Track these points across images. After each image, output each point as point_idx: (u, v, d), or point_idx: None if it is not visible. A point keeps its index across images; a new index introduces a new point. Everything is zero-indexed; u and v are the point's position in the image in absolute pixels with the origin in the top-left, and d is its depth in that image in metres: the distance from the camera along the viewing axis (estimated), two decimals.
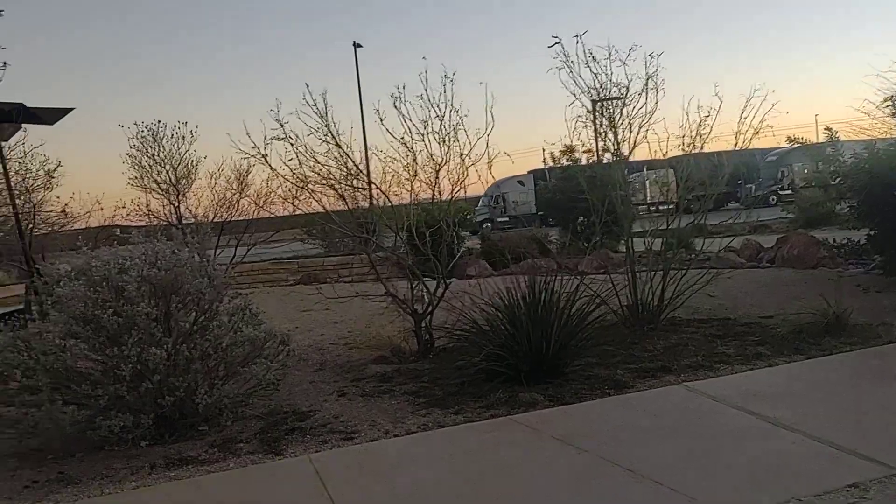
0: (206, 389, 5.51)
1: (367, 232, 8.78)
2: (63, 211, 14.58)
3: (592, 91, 9.00)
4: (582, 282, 7.35)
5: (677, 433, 5.04)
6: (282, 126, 7.56)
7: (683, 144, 8.78)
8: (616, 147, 8.90)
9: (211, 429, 5.75)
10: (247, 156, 7.77)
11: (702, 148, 8.80)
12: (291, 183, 8.30)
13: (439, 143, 7.59)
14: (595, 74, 8.76)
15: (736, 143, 9.00)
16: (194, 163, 16.79)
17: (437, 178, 7.71)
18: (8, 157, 13.19)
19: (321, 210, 8.74)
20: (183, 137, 16.38)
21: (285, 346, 6.25)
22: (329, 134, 7.56)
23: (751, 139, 8.90)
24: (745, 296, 10.43)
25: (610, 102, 9.11)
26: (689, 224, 9.23)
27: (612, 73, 8.73)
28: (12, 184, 13.53)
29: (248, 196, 16.80)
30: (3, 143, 13.34)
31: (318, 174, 7.94)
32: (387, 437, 5.41)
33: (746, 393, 5.77)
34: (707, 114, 8.55)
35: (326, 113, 7.54)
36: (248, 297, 6.35)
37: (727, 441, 4.83)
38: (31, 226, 14.98)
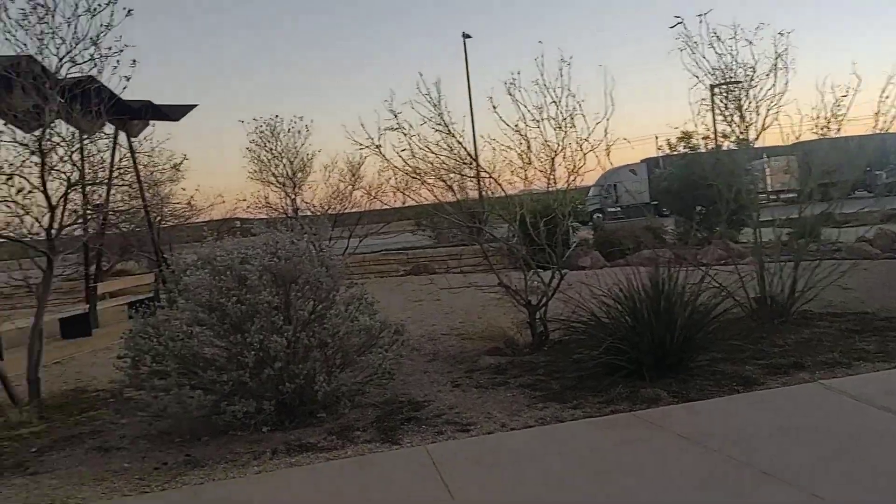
0: (325, 377, 5.56)
1: (479, 222, 8.68)
2: (188, 203, 15.25)
3: (717, 72, 8.57)
4: (707, 273, 6.99)
5: (815, 434, 4.69)
6: (395, 116, 7.56)
7: (817, 127, 8.21)
8: (743, 131, 8.43)
9: (329, 416, 5.81)
10: (361, 147, 7.82)
11: (838, 131, 8.19)
12: (404, 173, 8.32)
13: (555, 130, 7.40)
14: (719, 55, 8.32)
15: (875, 125, 8.35)
16: (309, 156, 17.27)
17: (552, 165, 7.52)
18: (137, 151, 13.91)
19: (432, 201, 8.73)
20: (299, 132, 16.88)
21: (400, 335, 6.24)
22: (442, 123, 7.50)
23: (892, 121, 8.23)
24: (882, 288, 9.71)
25: (734, 85, 8.65)
26: (820, 213, 8.64)
27: (737, 54, 8.28)
28: (141, 177, 14.27)
29: (361, 188, 17.14)
30: (133, 139, 14.08)
31: (431, 164, 7.91)
32: (503, 430, 5.30)
33: (891, 392, 5.32)
34: (844, 93, 7.95)
35: (440, 101, 7.48)
36: (363, 287, 6.37)
37: (871, 443, 4.45)
38: (159, 218, 15.80)
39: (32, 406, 6.77)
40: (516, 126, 7.54)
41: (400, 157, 7.87)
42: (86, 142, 7.57)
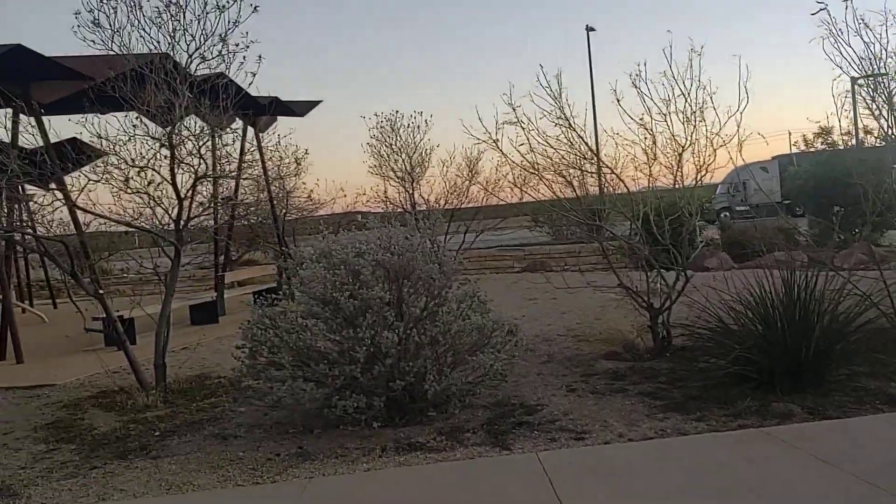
0: (435, 376, 5.45)
1: (598, 219, 8.36)
2: (310, 197, 15.58)
3: (863, 62, 7.85)
4: (848, 280, 6.42)
5: None
6: (514, 110, 7.38)
7: None
8: (891, 126, 7.68)
9: (439, 415, 5.71)
10: (478, 141, 7.68)
11: None
12: (522, 168, 8.12)
13: (683, 123, 6.98)
14: (866, 44, 7.61)
15: None
16: (428, 151, 17.32)
17: (679, 161, 7.11)
18: (263, 145, 14.37)
19: (549, 196, 8.49)
20: (418, 127, 16.93)
21: (513, 336, 6.06)
22: (562, 116, 7.24)
23: None
24: None
25: (883, 77, 7.90)
26: None
27: (887, 42, 7.54)
28: (267, 171, 14.74)
29: (478, 183, 17.02)
30: (259, 134, 14.55)
31: (550, 159, 7.67)
32: (620, 440, 5.02)
33: None
34: None
35: (560, 95, 7.23)
36: (476, 284, 6.23)
37: None
38: (283, 211, 16.25)
39: (158, 390, 7.06)
40: (641, 120, 7.18)
41: (518, 151, 7.68)
42: (211, 136, 7.83)
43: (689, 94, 6.92)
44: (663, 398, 5.88)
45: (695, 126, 6.92)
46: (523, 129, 7.43)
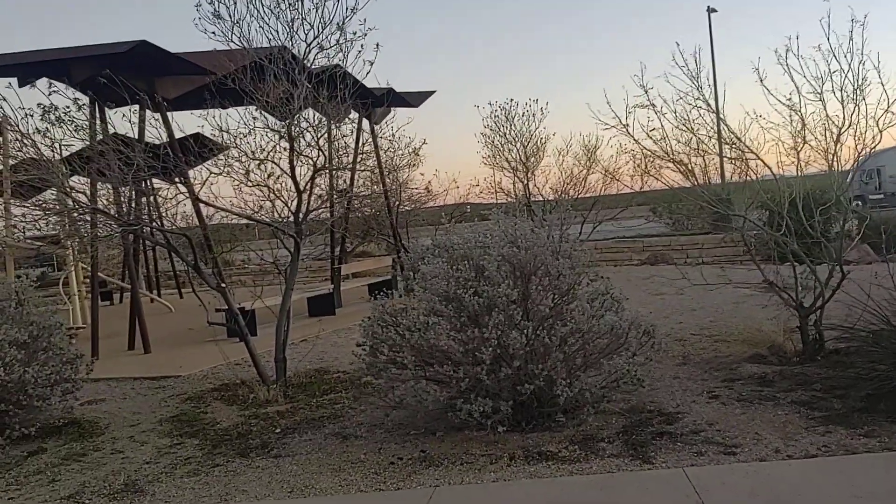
0: (567, 380, 5.06)
1: (729, 208, 7.70)
2: (426, 188, 15.44)
3: None
4: None
5: None
6: (646, 92, 6.85)
7: None
8: None
9: (569, 421, 5.31)
10: (606, 126, 7.19)
11: None
12: (651, 154, 7.57)
13: (840, 103, 6.25)
14: None
15: None
16: (543, 140, 16.88)
17: (837, 143, 6.38)
18: (378, 136, 14.31)
19: (674, 184, 7.89)
20: (533, 115, 16.52)
21: (650, 337, 5.57)
22: (701, 97, 6.65)
23: None
24: None
25: None
26: None
27: None
28: (382, 162, 14.68)
29: (598, 171, 16.46)
30: (375, 125, 14.50)
31: (685, 143, 7.10)
32: (777, 456, 4.48)
33: None
34: None
35: (699, 74, 6.64)
36: (608, 281, 5.78)
37: None
38: (397, 202, 16.21)
39: (279, 385, 6.99)
40: (789, 100, 6.50)
41: (649, 136, 7.15)
42: (329, 128, 7.71)
43: (847, 70, 6.18)
44: (821, 409, 5.26)
45: (856, 104, 6.17)
46: (656, 112, 6.89)
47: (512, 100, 16.86)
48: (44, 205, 7.60)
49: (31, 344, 6.11)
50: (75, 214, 7.00)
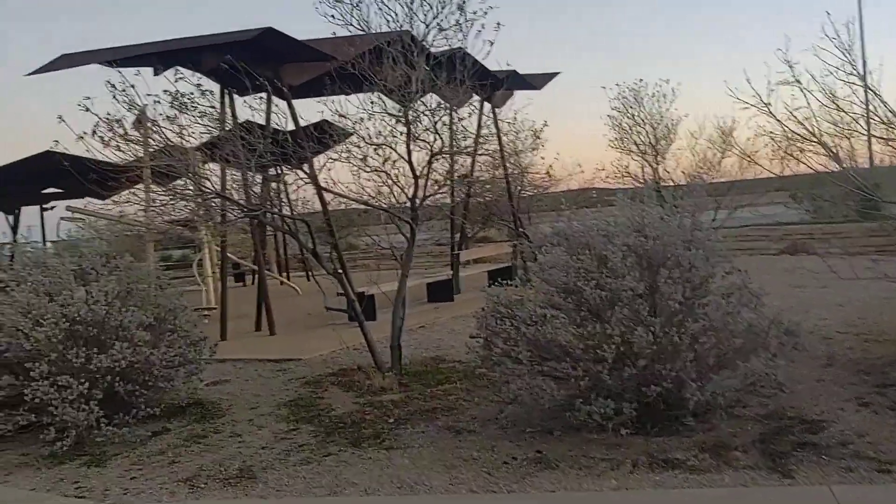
0: (698, 382, 4.65)
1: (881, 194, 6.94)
2: (548, 173, 15.04)
3: None
4: None
5: None
6: (791, 68, 6.24)
7: None
8: None
9: (698, 425, 4.90)
10: (745, 105, 6.61)
11: None
12: (794, 135, 6.92)
13: None
14: None
15: None
16: (674, 122, 16.09)
17: None
18: (499, 120, 14.03)
19: (819, 168, 7.19)
20: (664, 96, 15.76)
21: (793, 337, 5.05)
22: (854, 73, 5.98)
23: None
24: None
25: None
26: None
27: None
28: (503, 146, 14.40)
29: (732, 154, 15.54)
30: (496, 109, 14.23)
31: (834, 124, 6.43)
32: None
33: None
34: None
35: (851, 47, 5.98)
36: (745, 274, 5.27)
37: None
38: (518, 188, 15.89)
39: (394, 373, 6.91)
40: None
41: (792, 115, 6.52)
42: (449, 112, 7.52)
43: None
44: None
45: None
46: (801, 89, 6.26)
47: (641, 80, 16.10)
48: (175, 190, 7.86)
49: (158, 326, 6.28)
50: (200, 199, 7.15)
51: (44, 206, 20.81)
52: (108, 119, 6.29)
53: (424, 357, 7.80)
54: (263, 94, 8.84)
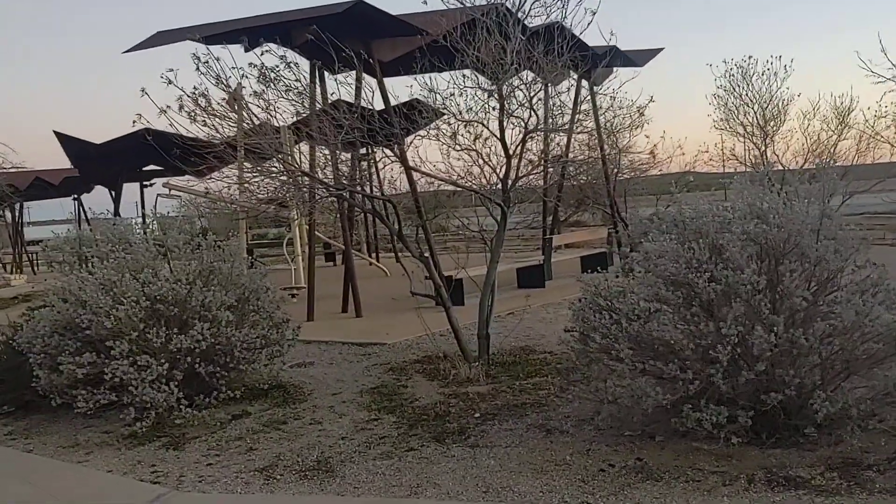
0: (826, 391, 4.09)
1: None
2: (651, 153, 14.29)
3: None
4: None
5: None
6: None
7: None
8: None
9: (822, 437, 4.34)
10: (879, 79, 5.88)
11: None
12: None
13: None
14: None
15: None
16: (785, 102, 15.02)
17: None
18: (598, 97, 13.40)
19: None
20: (774, 74, 14.71)
21: None
22: None
23: None
24: None
25: None
26: None
27: None
28: (601, 126, 13.76)
29: (849, 137, 14.40)
30: (595, 87, 13.60)
31: None
32: None
33: None
34: None
35: None
36: (884, 269, 4.63)
37: None
38: (616, 170, 15.21)
39: (481, 363, 6.55)
40: None
41: None
42: (544, 87, 7.05)
43: None
44: None
45: None
46: None
47: (750, 56, 15.06)
48: (262, 169, 7.72)
49: (240, 306, 6.13)
50: (285, 178, 6.96)
51: (143, 182, 21.45)
52: (193, 93, 6.13)
53: (513, 347, 7.41)
54: (353, 72, 8.61)
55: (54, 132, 17.96)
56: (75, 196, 25.51)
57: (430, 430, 5.16)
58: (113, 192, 21.14)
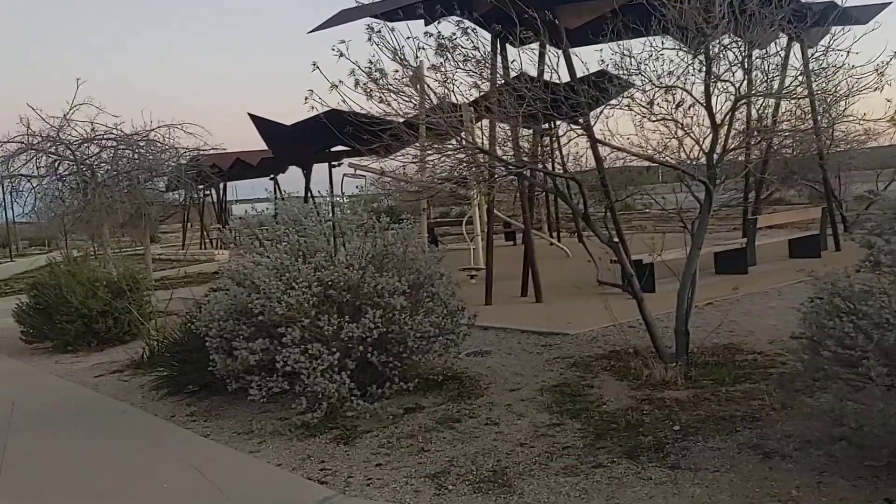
0: None
1: None
2: (892, 120, 12.46)
3: None
4: None
5: None
6: None
7: None
8: None
9: None
10: None
11: None
12: None
13: None
14: None
15: None
16: None
17: None
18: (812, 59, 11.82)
19: None
20: None
21: None
22: None
23: None
24: None
25: None
26: None
27: None
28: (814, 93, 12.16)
29: None
30: (809, 48, 12.01)
31: None
32: None
33: None
34: None
35: None
36: None
37: None
38: (829, 142, 13.54)
39: (679, 363, 5.78)
40: None
41: None
42: (753, 48, 6.06)
43: None
44: None
45: None
46: None
47: None
48: (439, 147, 7.33)
49: (414, 292, 5.76)
50: (462, 156, 6.49)
51: (332, 163, 22.05)
52: (368, 67, 5.78)
53: (715, 345, 6.53)
54: (536, 45, 7.97)
55: (249, 114, 18.72)
56: (272, 176, 26.81)
57: (620, 443, 4.52)
58: (305, 172, 21.93)
